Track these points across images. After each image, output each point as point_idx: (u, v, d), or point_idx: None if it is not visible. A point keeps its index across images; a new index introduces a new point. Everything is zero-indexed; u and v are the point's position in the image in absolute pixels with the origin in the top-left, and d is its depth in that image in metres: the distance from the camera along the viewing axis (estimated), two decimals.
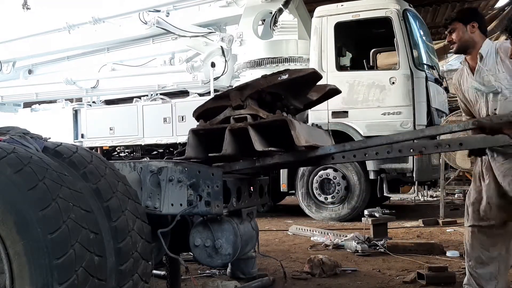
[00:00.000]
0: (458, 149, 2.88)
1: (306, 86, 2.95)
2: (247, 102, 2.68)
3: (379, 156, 2.88)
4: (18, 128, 2.53)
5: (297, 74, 2.65)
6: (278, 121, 2.59)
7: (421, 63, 7.82)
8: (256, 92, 2.70)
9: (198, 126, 2.81)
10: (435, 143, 2.86)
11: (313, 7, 8.75)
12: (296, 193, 8.50)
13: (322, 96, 3.12)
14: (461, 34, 3.16)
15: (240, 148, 2.64)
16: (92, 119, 10.62)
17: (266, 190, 3.32)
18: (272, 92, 2.85)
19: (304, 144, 2.62)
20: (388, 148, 2.84)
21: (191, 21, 9.58)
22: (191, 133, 2.79)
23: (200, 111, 2.91)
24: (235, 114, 2.68)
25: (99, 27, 10.12)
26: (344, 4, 8.13)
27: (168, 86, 10.15)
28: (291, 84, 2.77)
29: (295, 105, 3.01)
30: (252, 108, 2.67)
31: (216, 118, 2.78)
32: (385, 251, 5.18)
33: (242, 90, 2.71)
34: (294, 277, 4.28)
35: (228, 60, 9.35)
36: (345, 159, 2.99)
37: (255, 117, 2.66)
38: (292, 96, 2.94)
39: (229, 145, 2.64)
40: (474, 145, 2.90)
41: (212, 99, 2.93)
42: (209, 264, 3.00)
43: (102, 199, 2.22)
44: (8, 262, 1.91)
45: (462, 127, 2.74)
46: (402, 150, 2.85)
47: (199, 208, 2.70)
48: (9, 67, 11.83)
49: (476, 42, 3.15)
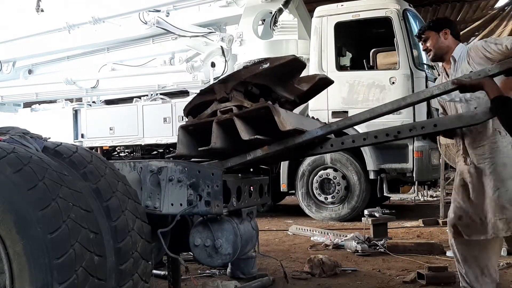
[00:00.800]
0: (432, 130, 2.84)
1: (290, 74, 2.92)
2: (232, 94, 2.68)
3: (356, 144, 2.91)
4: (18, 128, 2.53)
5: (278, 62, 2.64)
6: (262, 108, 2.59)
7: (421, 63, 7.82)
8: (240, 84, 2.70)
9: (187, 122, 2.82)
10: (410, 126, 2.84)
11: (313, 7, 8.75)
12: (296, 193, 8.50)
13: (313, 86, 3.10)
14: (435, 42, 3.29)
15: (229, 141, 2.64)
16: (92, 119, 10.61)
17: (266, 190, 3.31)
18: (260, 85, 2.84)
19: (288, 128, 2.60)
20: (364, 135, 2.86)
21: (191, 21, 9.57)
22: (180, 130, 2.79)
23: (189, 108, 2.92)
24: (222, 107, 2.68)
25: (99, 27, 10.11)
26: (344, 4, 8.13)
27: (168, 86, 10.14)
28: (274, 73, 2.76)
29: (286, 96, 2.99)
30: (237, 100, 2.67)
31: (204, 113, 2.78)
32: (385, 251, 5.18)
33: (226, 82, 2.71)
34: (294, 277, 4.29)
35: (228, 60, 9.34)
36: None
37: (240, 108, 2.66)
38: (280, 87, 2.93)
39: (218, 138, 2.65)
40: (449, 125, 2.89)
41: (198, 94, 2.94)
42: (209, 264, 3.00)
43: (102, 199, 2.22)
44: (8, 262, 1.91)
45: (443, 88, 2.71)
46: (377, 136, 2.86)
47: (199, 208, 2.70)
48: (9, 67, 11.82)
49: (450, 47, 3.27)
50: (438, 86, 2.83)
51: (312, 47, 8.21)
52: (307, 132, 2.76)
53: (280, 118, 2.59)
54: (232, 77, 2.72)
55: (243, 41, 9.00)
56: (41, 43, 10.82)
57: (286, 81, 2.95)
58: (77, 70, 11.14)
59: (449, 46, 3.27)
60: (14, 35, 10.89)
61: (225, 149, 2.78)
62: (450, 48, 3.27)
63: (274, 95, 2.95)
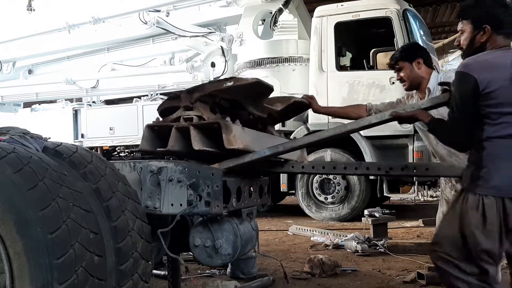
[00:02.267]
0: (424, 173, 2.92)
1: (258, 95, 3.06)
2: (195, 104, 2.82)
3: (348, 171, 3.04)
4: (18, 128, 2.53)
5: (240, 82, 2.79)
6: (215, 123, 2.72)
7: None
8: (207, 96, 2.83)
9: (153, 122, 2.96)
10: (402, 165, 2.91)
11: (313, 7, 8.75)
12: (296, 193, 8.50)
13: (288, 107, 3.24)
14: (408, 72, 3.37)
15: (186, 146, 2.75)
16: (92, 119, 10.62)
17: (266, 190, 3.32)
18: (233, 100, 3.00)
19: (234, 146, 2.69)
20: (356, 165, 3.01)
21: (191, 21, 9.57)
22: (146, 128, 2.93)
23: (160, 110, 3.08)
24: (185, 114, 2.82)
25: (99, 27, 10.11)
26: (344, 4, 8.13)
27: (168, 86, 10.14)
28: (240, 92, 2.90)
29: (257, 114, 3.12)
30: (199, 110, 2.81)
31: (170, 117, 2.92)
32: (385, 251, 5.19)
33: (192, 93, 2.85)
34: (294, 277, 4.29)
35: (228, 60, 9.35)
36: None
37: (201, 118, 2.80)
38: (250, 104, 3.07)
39: (175, 141, 2.77)
40: (440, 172, 2.99)
41: (167, 99, 3.07)
42: (209, 264, 3.00)
43: (102, 199, 2.22)
44: (8, 262, 1.91)
45: (380, 118, 2.75)
46: (369, 167, 2.97)
47: (199, 208, 2.70)
48: (9, 67, 11.83)
49: (424, 77, 3.35)
50: (376, 116, 2.87)
51: (312, 47, 8.22)
52: (255, 152, 2.85)
53: (229, 136, 2.69)
54: (198, 89, 2.86)
55: (243, 41, 9.00)
56: (41, 43, 10.82)
57: (256, 100, 3.08)
58: (77, 70, 11.15)
59: (423, 76, 3.34)
60: (14, 35, 10.90)
61: (182, 153, 2.88)
62: (423, 78, 3.34)
63: (245, 111, 3.10)
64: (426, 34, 8.85)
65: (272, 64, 8.61)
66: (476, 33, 2.39)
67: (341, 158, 7.97)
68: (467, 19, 2.43)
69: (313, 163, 3.24)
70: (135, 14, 9.67)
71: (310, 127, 8.18)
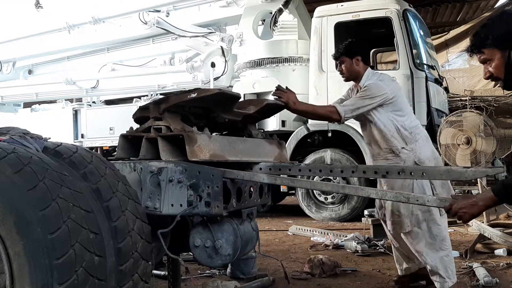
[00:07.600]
0: (421, 177, 2.96)
1: (226, 102, 3.16)
2: (164, 115, 2.89)
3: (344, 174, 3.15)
4: (18, 128, 2.53)
5: (204, 93, 2.89)
6: (180, 134, 2.78)
7: (421, 63, 7.82)
8: (175, 106, 2.92)
9: (127, 132, 3.03)
10: (399, 169, 2.94)
11: (313, 7, 8.76)
12: (296, 193, 8.50)
13: (261, 110, 3.36)
14: (348, 67, 3.87)
15: (157, 154, 2.81)
16: (92, 119, 10.62)
17: (266, 191, 3.32)
18: (204, 107, 3.16)
19: (196, 158, 2.73)
20: (353, 168, 3.12)
21: (191, 21, 9.57)
22: (120, 137, 3.00)
23: (134, 118, 3.17)
24: (155, 124, 2.90)
25: (99, 27, 10.11)
26: (344, 4, 8.13)
27: (168, 86, 10.14)
28: (205, 101, 3.02)
29: (230, 118, 3.25)
30: (167, 121, 2.88)
31: (141, 126, 3.00)
32: (385, 251, 5.19)
33: (159, 104, 2.93)
34: (294, 277, 4.29)
35: (228, 60, 9.34)
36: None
37: (169, 128, 2.87)
38: (221, 111, 3.21)
39: (146, 151, 2.85)
40: (437, 177, 3.01)
41: (139, 109, 3.16)
42: (209, 265, 3.01)
43: (102, 199, 2.22)
44: (8, 262, 1.91)
45: None
46: (366, 171, 3.05)
47: (199, 209, 2.71)
48: (9, 67, 11.81)
49: (360, 72, 3.84)
50: None
51: (312, 47, 8.22)
52: (254, 174, 2.93)
53: (193, 148, 2.73)
54: (164, 100, 2.94)
55: (243, 41, 8.99)
56: (41, 43, 10.82)
57: (225, 107, 3.20)
58: (77, 70, 11.14)
59: (360, 71, 3.83)
60: (14, 35, 10.89)
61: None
62: (359, 73, 3.83)
63: (218, 117, 3.24)
64: (426, 34, 8.86)
65: (272, 64, 8.61)
66: (508, 53, 2.15)
67: (341, 158, 7.97)
68: (488, 47, 2.19)
69: (310, 166, 3.31)
70: (135, 14, 9.66)
71: (310, 127, 8.19)
